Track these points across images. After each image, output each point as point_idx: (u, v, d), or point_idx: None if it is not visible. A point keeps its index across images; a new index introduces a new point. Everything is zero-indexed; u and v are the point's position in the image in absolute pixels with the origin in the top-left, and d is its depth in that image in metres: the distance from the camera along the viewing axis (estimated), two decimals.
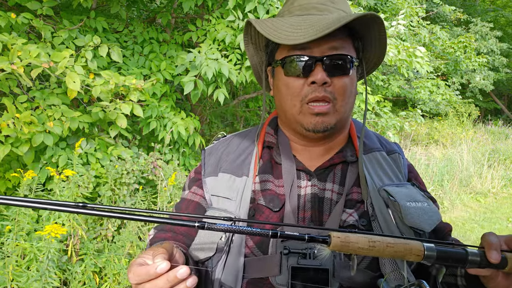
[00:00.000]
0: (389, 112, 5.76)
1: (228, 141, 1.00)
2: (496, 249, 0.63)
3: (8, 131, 2.35)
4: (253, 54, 0.98)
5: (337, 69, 0.82)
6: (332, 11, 0.85)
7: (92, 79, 2.77)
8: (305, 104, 0.83)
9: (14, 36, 2.58)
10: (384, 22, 0.84)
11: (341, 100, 0.84)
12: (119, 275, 2.63)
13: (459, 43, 10.93)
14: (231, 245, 0.82)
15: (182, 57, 3.39)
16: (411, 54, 4.94)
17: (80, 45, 3.09)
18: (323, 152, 0.92)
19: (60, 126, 2.64)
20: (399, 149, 0.98)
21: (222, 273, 0.81)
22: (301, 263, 0.76)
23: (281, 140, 0.94)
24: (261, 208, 0.85)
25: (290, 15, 0.87)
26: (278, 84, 0.88)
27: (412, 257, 0.59)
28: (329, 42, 0.81)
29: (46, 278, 2.17)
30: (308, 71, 0.82)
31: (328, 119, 0.84)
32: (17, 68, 2.32)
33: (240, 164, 0.92)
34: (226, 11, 3.50)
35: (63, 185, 2.59)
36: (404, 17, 6.80)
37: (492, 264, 0.62)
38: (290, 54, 0.83)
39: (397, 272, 0.78)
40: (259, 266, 0.80)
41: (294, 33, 0.79)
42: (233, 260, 0.81)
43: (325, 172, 0.89)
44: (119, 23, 3.85)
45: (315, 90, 0.82)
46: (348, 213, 0.83)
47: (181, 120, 3.43)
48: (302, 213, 0.84)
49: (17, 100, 2.63)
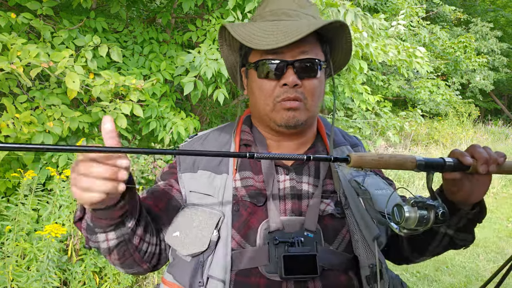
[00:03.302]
0: (389, 112, 5.76)
1: (203, 139, 1.03)
2: (467, 155, 0.77)
3: (8, 131, 2.36)
4: (228, 55, 1.03)
5: (306, 72, 0.89)
6: (302, 17, 0.91)
7: (92, 79, 2.77)
8: (277, 103, 0.90)
9: (13, 36, 2.58)
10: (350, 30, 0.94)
11: (311, 100, 0.91)
12: (119, 275, 2.63)
13: (459, 43, 10.93)
14: (219, 239, 0.86)
15: (182, 58, 3.39)
16: (411, 54, 4.94)
17: (80, 45, 3.09)
18: (296, 147, 0.99)
19: (60, 126, 2.64)
20: (360, 142, 1.09)
21: (210, 267, 0.84)
22: (290, 251, 0.83)
23: (257, 137, 0.99)
24: (245, 203, 0.90)
25: (262, 20, 0.93)
26: (252, 85, 0.94)
27: (409, 165, 0.75)
28: (300, 47, 0.88)
29: (46, 278, 2.17)
30: (280, 74, 0.88)
31: (299, 115, 0.90)
32: (16, 68, 2.32)
33: (219, 162, 0.95)
34: (226, 11, 3.50)
35: (63, 185, 2.59)
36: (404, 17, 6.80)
37: (463, 166, 0.77)
38: (262, 58, 0.89)
39: (370, 253, 0.86)
40: (248, 257, 0.85)
41: (267, 39, 0.85)
42: (221, 253, 0.85)
43: (301, 166, 0.96)
44: (119, 23, 3.85)
45: (287, 91, 0.88)
46: (326, 203, 0.91)
47: (181, 120, 3.43)
48: (283, 205, 0.90)
49: (17, 100, 2.63)
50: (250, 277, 0.84)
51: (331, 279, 0.85)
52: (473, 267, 4.19)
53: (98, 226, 0.78)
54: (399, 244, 0.98)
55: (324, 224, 0.89)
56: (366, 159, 0.72)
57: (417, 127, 9.27)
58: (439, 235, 0.91)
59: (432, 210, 0.72)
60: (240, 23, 0.93)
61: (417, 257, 1.00)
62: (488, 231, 5.35)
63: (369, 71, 8.00)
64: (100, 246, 0.81)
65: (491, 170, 0.77)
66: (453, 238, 0.91)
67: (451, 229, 0.89)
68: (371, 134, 5.97)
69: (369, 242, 0.87)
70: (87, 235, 0.82)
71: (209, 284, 0.84)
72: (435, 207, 0.73)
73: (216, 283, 0.83)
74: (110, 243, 0.81)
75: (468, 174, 0.79)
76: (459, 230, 0.89)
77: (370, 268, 0.85)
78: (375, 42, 4.59)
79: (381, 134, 5.90)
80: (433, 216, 0.72)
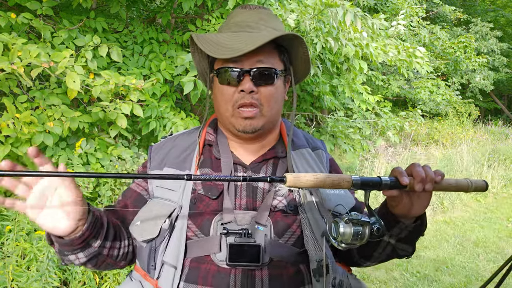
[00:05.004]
0: (389, 112, 5.76)
1: (174, 139, 1.12)
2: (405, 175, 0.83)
3: (8, 131, 2.36)
4: (199, 61, 1.11)
5: (262, 79, 0.96)
6: (262, 29, 0.99)
7: (92, 79, 2.77)
8: (236, 109, 0.97)
9: (14, 36, 2.58)
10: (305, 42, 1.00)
11: (267, 106, 0.98)
12: (119, 275, 2.63)
13: (459, 43, 10.93)
14: (173, 229, 0.95)
15: (181, 57, 3.39)
16: (411, 54, 4.94)
17: (80, 45, 3.09)
18: (257, 149, 1.06)
19: (60, 126, 2.64)
20: (323, 146, 1.16)
21: (164, 253, 0.94)
22: (237, 241, 0.91)
23: (220, 138, 1.08)
24: (201, 197, 0.98)
25: (227, 31, 1.01)
26: (215, 90, 1.03)
27: (345, 185, 0.79)
28: (256, 56, 0.95)
29: (46, 278, 2.17)
30: (238, 81, 0.96)
31: (255, 122, 0.98)
32: (17, 68, 2.32)
33: (183, 160, 1.04)
34: (226, 11, 3.50)
35: None
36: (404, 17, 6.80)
37: (401, 185, 0.82)
38: (223, 66, 0.97)
39: (318, 248, 0.93)
40: (202, 246, 0.93)
41: (227, 48, 0.93)
42: (175, 241, 0.93)
43: (259, 165, 1.04)
44: (119, 23, 3.84)
45: (244, 97, 0.96)
46: (278, 199, 0.98)
47: (180, 120, 3.43)
48: (239, 200, 0.98)
49: (17, 100, 2.63)
50: (202, 264, 0.92)
51: (279, 269, 0.92)
52: (473, 267, 4.19)
53: (66, 250, 0.89)
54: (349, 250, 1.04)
55: (275, 219, 0.96)
56: (302, 179, 0.76)
57: (417, 127, 9.26)
58: (383, 243, 0.98)
59: (367, 226, 0.78)
60: (207, 34, 1.01)
61: (364, 262, 1.07)
62: (488, 231, 5.35)
63: (369, 71, 8.00)
64: (74, 263, 0.93)
65: (427, 188, 0.82)
66: (395, 248, 0.98)
67: (393, 239, 0.95)
68: (371, 134, 5.97)
69: (318, 238, 0.93)
70: (60, 256, 0.92)
71: (163, 268, 0.94)
72: (370, 224, 0.79)
73: (168, 268, 0.92)
74: (81, 260, 0.92)
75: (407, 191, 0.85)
76: (400, 240, 0.95)
77: (317, 262, 0.91)
78: (375, 42, 4.59)
79: (381, 134, 5.89)
80: (368, 232, 0.78)
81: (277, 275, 0.92)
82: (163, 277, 0.93)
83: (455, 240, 4.92)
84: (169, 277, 0.92)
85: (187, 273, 0.92)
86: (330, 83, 5.00)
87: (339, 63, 4.82)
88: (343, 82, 4.93)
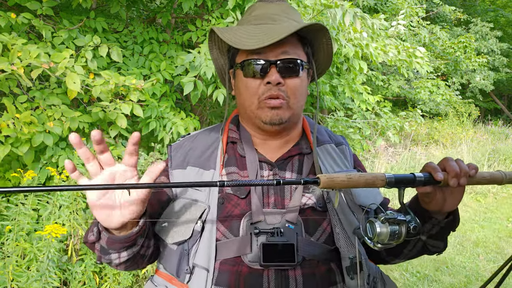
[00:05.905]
0: (389, 112, 5.76)
1: (193, 138, 1.08)
2: (439, 171, 0.80)
3: (8, 131, 2.35)
4: (217, 57, 1.09)
5: (289, 71, 0.94)
6: (284, 21, 0.97)
7: (92, 79, 2.77)
8: (262, 101, 0.94)
9: (14, 36, 2.58)
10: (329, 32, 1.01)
11: (293, 98, 0.96)
12: (119, 275, 2.63)
13: (459, 43, 10.93)
14: (203, 230, 0.91)
15: (181, 57, 3.39)
16: (411, 54, 4.94)
17: (80, 45, 3.09)
18: (281, 145, 1.03)
19: (60, 126, 2.64)
20: (345, 141, 1.14)
21: (195, 255, 0.90)
22: (270, 240, 0.87)
23: (243, 135, 1.04)
24: (229, 196, 0.95)
25: (248, 24, 0.99)
26: (239, 84, 0.99)
27: (379, 183, 0.76)
28: (281, 47, 0.93)
29: (46, 278, 2.17)
30: (264, 72, 0.93)
31: (282, 113, 0.95)
32: (17, 69, 2.32)
33: (207, 159, 1.01)
34: (226, 11, 3.50)
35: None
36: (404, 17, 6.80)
37: (435, 181, 0.80)
38: (248, 58, 0.95)
39: (350, 245, 0.90)
40: (232, 247, 0.90)
41: (251, 40, 0.91)
42: (206, 243, 0.90)
43: (284, 162, 1.01)
44: (119, 23, 3.84)
45: (270, 89, 0.93)
46: (307, 196, 0.96)
47: (180, 120, 3.43)
48: (267, 198, 0.95)
49: (17, 100, 2.63)
50: (233, 266, 0.89)
51: (312, 268, 0.90)
52: (473, 267, 4.19)
53: (112, 248, 0.85)
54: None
55: (305, 216, 0.93)
56: (336, 180, 0.74)
57: (417, 127, 9.26)
58: (413, 240, 0.96)
59: (403, 224, 0.76)
60: (228, 27, 0.99)
61: (393, 259, 1.05)
62: (488, 231, 5.35)
63: (369, 71, 8.00)
64: (112, 262, 0.90)
65: (461, 183, 0.80)
66: (426, 244, 0.96)
67: (424, 235, 0.93)
68: (371, 134, 5.97)
69: (350, 234, 0.91)
70: (101, 255, 0.89)
71: (194, 272, 0.89)
72: (407, 222, 0.77)
73: (200, 271, 0.88)
74: (122, 259, 0.89)
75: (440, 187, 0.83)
76: (431, 237, 0.93)
77: (350, 259, 0.89)
78: (375, 42, 4.59)
79: (381, 134, 5.89)
80: (404, 230, 0.76)
81: (310, 274, 0.89)
82: (194, 281, 0.88)
83: (455, 240, 4.92)
84: (201, 281, 0.87)
85: (217, 275, 0.89)
86: (330, 83, 5.00)
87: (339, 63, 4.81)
88: (343, 82, 4.93)
